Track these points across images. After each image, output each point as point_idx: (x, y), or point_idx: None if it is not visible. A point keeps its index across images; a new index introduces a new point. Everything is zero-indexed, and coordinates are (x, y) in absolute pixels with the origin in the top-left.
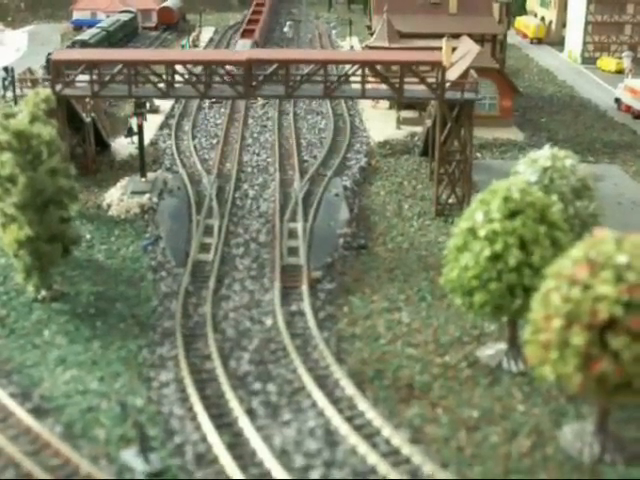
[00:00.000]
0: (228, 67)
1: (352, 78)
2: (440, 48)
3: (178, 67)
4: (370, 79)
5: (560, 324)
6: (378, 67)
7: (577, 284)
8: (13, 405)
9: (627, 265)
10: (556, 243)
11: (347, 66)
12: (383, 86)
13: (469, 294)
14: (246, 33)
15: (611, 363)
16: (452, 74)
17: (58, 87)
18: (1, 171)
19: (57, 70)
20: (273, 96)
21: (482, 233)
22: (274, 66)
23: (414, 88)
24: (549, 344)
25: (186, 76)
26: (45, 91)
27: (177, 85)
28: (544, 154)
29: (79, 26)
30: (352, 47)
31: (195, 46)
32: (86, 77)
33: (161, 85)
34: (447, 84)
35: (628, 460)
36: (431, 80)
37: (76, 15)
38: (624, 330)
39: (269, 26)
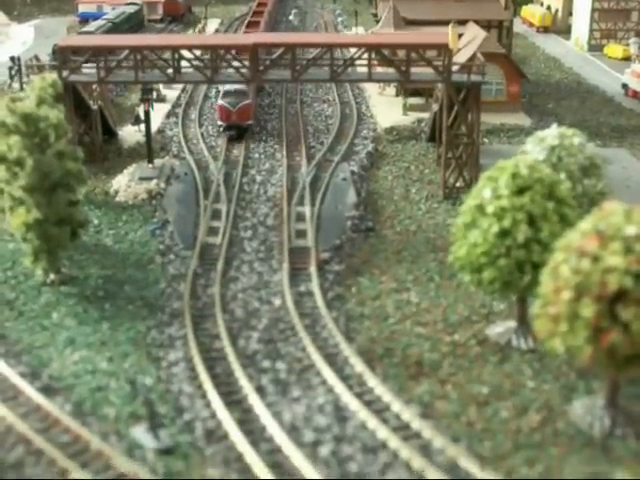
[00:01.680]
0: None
1: (358, 62)
2: (446, 34)
3: (184, 52)
4: (377, 62)
5: (570, 296)
6: (384, 50)
7: (586, 256)
8: (23, 384)
9: (636, 236)
10: (565, 219)
11: (353, 50)
12: (390, 70)
13: (478, 271)
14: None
15: (621, 334)
16: (459, 59)
17: (65, 73)
18: (9, 154)
19: (64, 56)
20: (280, 80)
21: (490, 210)
22: (280, 50)
23: (421, 71)
24: (559, 317)
25: (193, 61)
26: (51, 76)
27: (183, 70)
28: (552, 133)
29: (85, 19)
30: None
31: None
32: (92, 63)
33: (168, 70)
34: (454, 66)
35: (639, 434)
36: (438, 63)
37: (82, 8)
38: (634, 301)
39: (274, 20)
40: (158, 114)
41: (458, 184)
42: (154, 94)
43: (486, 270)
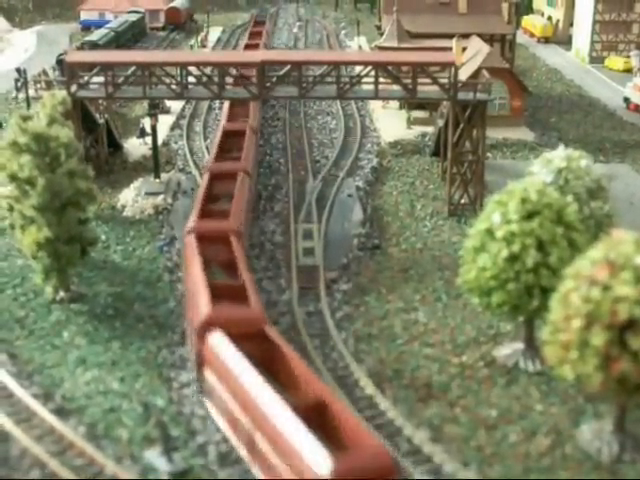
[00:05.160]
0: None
1: (365, 79)
2: (450, 48)
3: (192, 68)
4: (383, 79)
5: (580, 324)
6: (390, 68)
7: (597, 285)
8: (37, 405)
9: None
10: (573, 244)
11: (359, 67)
12: (396, 87)
13: (487, 294)
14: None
15: (631, 363)
16: (463, 74)
17: (73, 89)
18: (20, 173)
19: (72, 72)
20: (287, 97)
21: (500, 234)
22: (287, 67)
23: (427, 89)
24: (569, 344)
25: (200, 78)
26: (61, 93)
27: (191, 86)
28: (559, 154)
29: (87, 26)
30: (360, 47)
31: (203, 46)
32: (100, 79)
33: (175, 86)
34: (460, 85)
35: None
36: (444, 81)
37: (84, 15)
38: None
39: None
40: (162, 126)
41: (463, 201)
42: (159, 106)
43: (495, 294)
